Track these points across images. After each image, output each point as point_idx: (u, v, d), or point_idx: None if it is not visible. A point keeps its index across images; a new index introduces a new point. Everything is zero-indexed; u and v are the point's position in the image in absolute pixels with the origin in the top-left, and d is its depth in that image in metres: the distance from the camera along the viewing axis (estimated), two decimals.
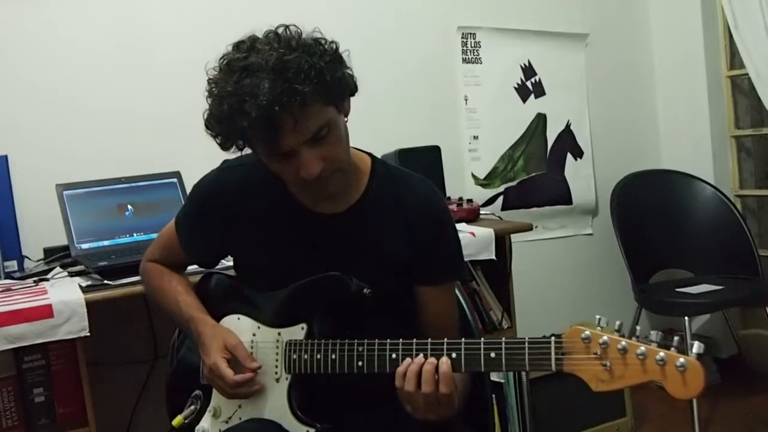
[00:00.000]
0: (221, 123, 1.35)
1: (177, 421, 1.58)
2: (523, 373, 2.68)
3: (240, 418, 1.55)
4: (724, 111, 3.69)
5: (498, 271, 2.78)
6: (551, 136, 3.54)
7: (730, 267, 3.39)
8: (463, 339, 1.36)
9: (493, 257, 2.62)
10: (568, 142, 3.59)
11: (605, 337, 1.21)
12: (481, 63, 3.34)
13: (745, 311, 3.72)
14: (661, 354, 1.15)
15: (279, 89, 1.27)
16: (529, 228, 2.83)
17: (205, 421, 1.59)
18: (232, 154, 1.43)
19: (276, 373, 1.51)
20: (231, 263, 1.71)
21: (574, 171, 3.59)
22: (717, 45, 3.66)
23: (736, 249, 3.40)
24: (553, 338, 1.26)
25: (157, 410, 1.75)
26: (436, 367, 1.33)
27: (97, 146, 2.60)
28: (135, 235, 2.40)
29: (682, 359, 1.14)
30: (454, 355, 1.34)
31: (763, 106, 3.35)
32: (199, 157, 1.67)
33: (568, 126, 3.58)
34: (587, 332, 1.22)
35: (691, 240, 3.53)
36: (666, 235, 3.54)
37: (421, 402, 1.34)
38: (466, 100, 3.32)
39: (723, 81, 3.68)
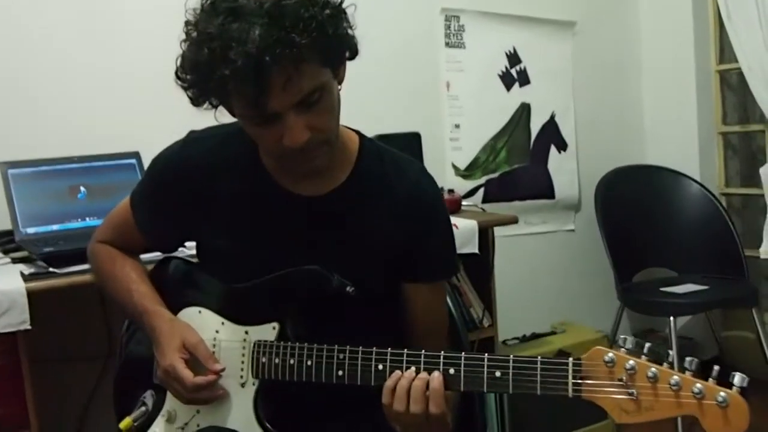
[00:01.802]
0: (198, 71, 1.16)
1: (125, 423, 1.40)
2: None
3: (198, 425, 1.37)
4: (712, 106, 3.59)
5: (479, 266, 2.62)
6: (535, 128, 3.39)
7: (715, 267, 3.30)
8: (463, 353, 1.19)
9: (476, 251, 2.47)
10: (552, 133, 3.45)
11: (632, 362, 1.05)
12: (464, 48, 3.17)
13: (727, 312, 3.62)
14: (699, 385, 1.01)
15: (273, 38, 1.09)
16: (514, 221, 2.69)
17: (158, 426, 1.41)
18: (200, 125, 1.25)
19: (242, 377, 1.34)
20: (194, 250, 1.51)
21: (557, 164, 3.45)
22: (707, 38, 3.54)
23: (721, 248, 3.30)
24: (570, 360, 1.10)
25: (112, 412, 1.56)
26: (427, 384, 1.17)
27: (47, 122, 2.39)
28: (88, 219, 2.21)
29: (723, 393, 1.00)
30: (452, 371, 1.18)
31: (750, 102, 3.26)
32: (161, 136, 1.50)
33: (552, 117, 3.44)
34: (611, 354, 1.07)
35: (675, 238, 3.43)
36: (650, 233, 3.44)
37: (410, 422, 1.18)
38: (448, 86, 3.16)
39: (712, 75, 3.57)
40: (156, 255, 1.58)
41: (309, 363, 1.27)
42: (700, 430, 1.03)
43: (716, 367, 1.02)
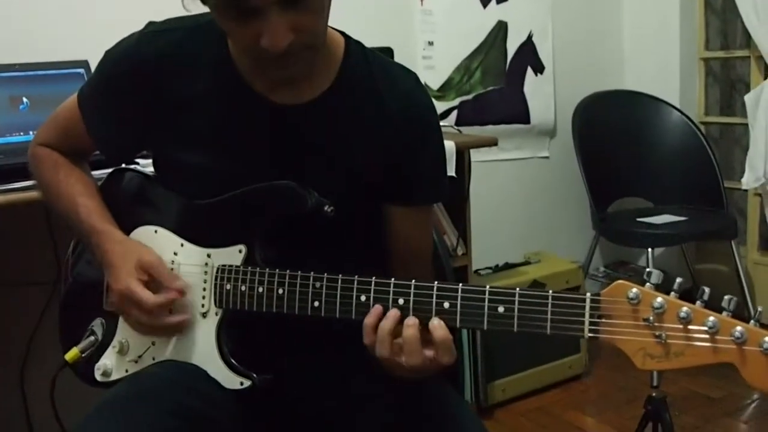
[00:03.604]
0: None
1: (71, 354, 1.28)
2: None
3: (153, 359, 1.24)
4: (695, 30, 3.45)
5: (453, 191, 2.47)
6: (511, 48, 3.22)
7: (693, 198, 3.23)
8: (460, 285, 1.04)
9: (454, 174, 2.33)
10: (529, 55, 3.28)
11: (660, 299, 0.92)
12: None
13: (700, 245, 3.56)
14: (740, 328, 0.88)
15: None
16: (493, 143, 2.56)
17: (108, 358, 1.28)
18: None
19: (203, 306, 1.20)
20: (151, 167, 1.35)
21: (533, 88, 3.29)
22: None
23: (700, 179, 3.23)
24: (588, 295, 0.96)
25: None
26: (422, 332, 1.04)
27: None
28: (30, 133, 2.04)
29: None
30: (447, 304, 1.04)
31: (731, 28, 3.11)
32: (112, 44, 1.31)
33: (530, 37, 3.26)
34: (635, 290, 0.93)
35: (653, 167, 3.34)
36: (627, 162, 3.34)
37: (405, 370, 1.06)
38: (421, 0, 2.96)
39: None
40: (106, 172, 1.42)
41: (280, 292, 1.13)
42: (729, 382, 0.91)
43: (760, 309, 0.90)
